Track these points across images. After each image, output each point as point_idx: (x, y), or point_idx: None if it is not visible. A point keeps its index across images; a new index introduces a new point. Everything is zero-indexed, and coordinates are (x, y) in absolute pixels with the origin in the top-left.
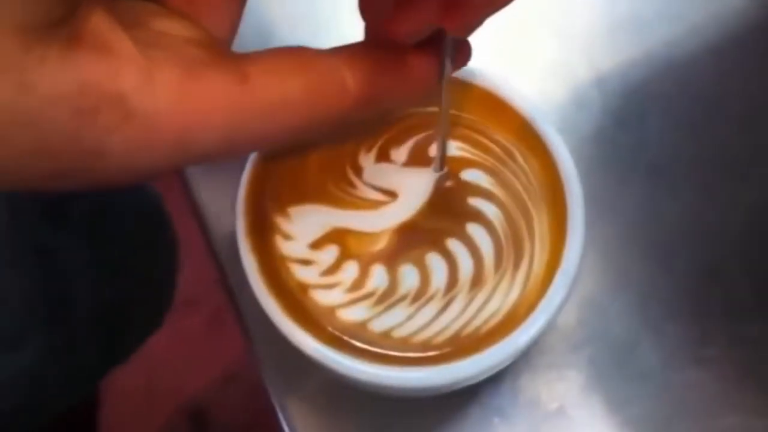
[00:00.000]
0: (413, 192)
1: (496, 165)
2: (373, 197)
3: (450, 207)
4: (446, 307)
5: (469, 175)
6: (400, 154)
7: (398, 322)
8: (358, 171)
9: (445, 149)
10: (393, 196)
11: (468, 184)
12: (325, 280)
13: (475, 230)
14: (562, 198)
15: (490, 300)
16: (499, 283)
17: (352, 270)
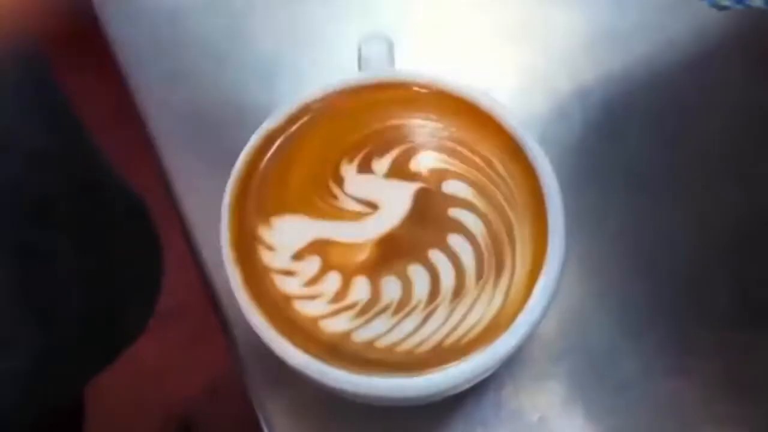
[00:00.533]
0: (395, 203)
1: (477, 176)
2: (355, 208)
3: (432, 218)
4: (428, 317)
5: (451, 186)
6: (381, 166)
7: (381, 333)
8: (340, 182)
9: None
10: (375, 207)
11: (449, 195)
12: (308, 291)
13: (456, 241)
14: (543, 209)
15: (472, 310)
16: (480, 293)
17: (334, 281)
